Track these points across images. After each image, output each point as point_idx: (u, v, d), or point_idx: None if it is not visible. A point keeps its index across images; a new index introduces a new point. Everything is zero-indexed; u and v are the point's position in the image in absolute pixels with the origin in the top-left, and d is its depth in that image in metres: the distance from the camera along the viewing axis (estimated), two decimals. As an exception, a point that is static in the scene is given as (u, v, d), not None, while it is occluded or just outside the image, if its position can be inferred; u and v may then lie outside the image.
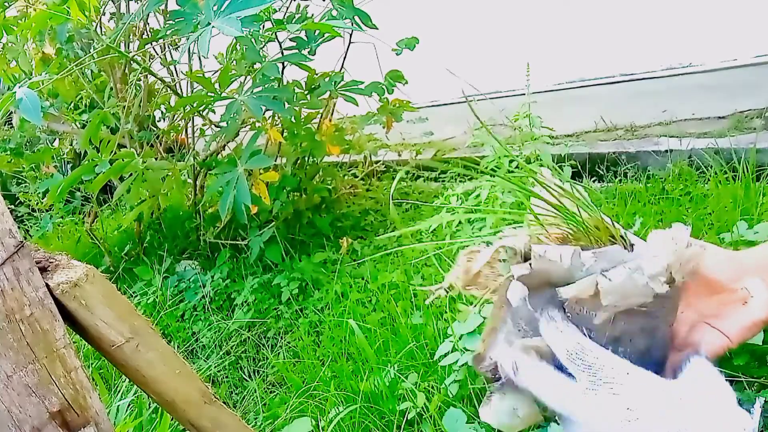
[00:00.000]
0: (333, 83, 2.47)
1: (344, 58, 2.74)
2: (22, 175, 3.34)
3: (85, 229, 3.06)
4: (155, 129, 3.07)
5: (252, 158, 2.10)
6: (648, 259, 0.41)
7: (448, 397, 1.45)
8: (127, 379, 0.95)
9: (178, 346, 2.41)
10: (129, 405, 1.81)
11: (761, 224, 1.47)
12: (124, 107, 2.56)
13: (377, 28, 2.34)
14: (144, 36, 2.67)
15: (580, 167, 2.67)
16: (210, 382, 2.16)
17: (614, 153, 2.76)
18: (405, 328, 1.84)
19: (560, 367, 0.41)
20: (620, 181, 2.57)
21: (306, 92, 2.49)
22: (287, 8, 2.48)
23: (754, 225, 1.50)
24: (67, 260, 0.68)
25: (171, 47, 2.78)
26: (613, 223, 0.45)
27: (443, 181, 3.37)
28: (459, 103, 4.43)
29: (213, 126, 2.65)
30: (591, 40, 3.83)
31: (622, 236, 0.45)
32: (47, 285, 0.62)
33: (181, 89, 2.70)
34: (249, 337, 2.31)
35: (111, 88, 2.73)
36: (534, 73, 1.95)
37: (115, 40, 2.24)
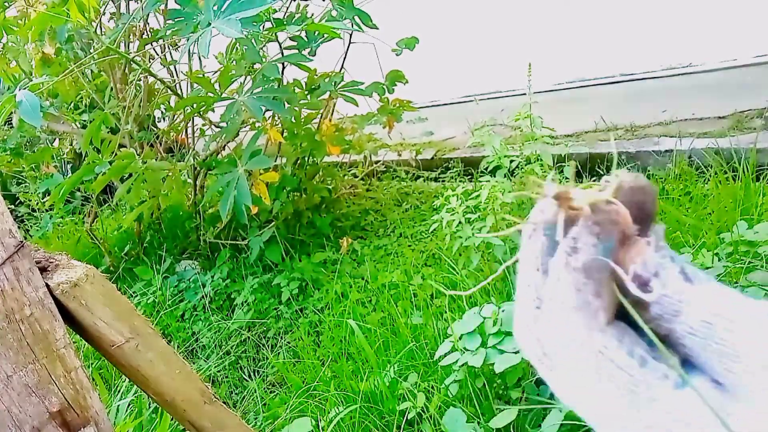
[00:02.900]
0: (333, 83, 2.47)
1: (344, 58, 2.74)
2: (22, 175, 3.35)
3: (85, 229, 3.06)
4: (155, 129, 3.07)
5: (252, 158, 2.10)
6: None
7: (448, 397, 1.45)
8: (127, 379, 0.95)
9: (178, 346, 2.41)
10: (129, 405, 1.81)
11: (761, 224, 1.47)
12: (124, 107, 2.56)
13: (377, 28, 2.34)
14: (144, 36, 2.67)
15: (580, 167, 2.67)
16: (210, 382, 2.15)
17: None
18: (405, 328, 1.84)
19: None
20: (620, 181, 2.56)
21: (306, 92, 2.49)
22: (287, 8, 2.48)
23: (754, 225, 1.50)
24: (67, 260, 0.68)
25: (171, 47, 2.78)
26: None
27: (443, 181, 3.38)
28: (459, 103, 4.43)
29: (213, 126, 2.65)
30: (591, 40, 3.83)
31: None
32: (47, 285, 0.63)
33: (181, 89, 2.70)
34: (249, 337, 2.31)
35: (111, 89, 2.74)
36: (534, 73, 1.95)
37: (115, 41, 2.24)
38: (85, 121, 3.13)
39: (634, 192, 0.29)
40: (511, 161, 1.94)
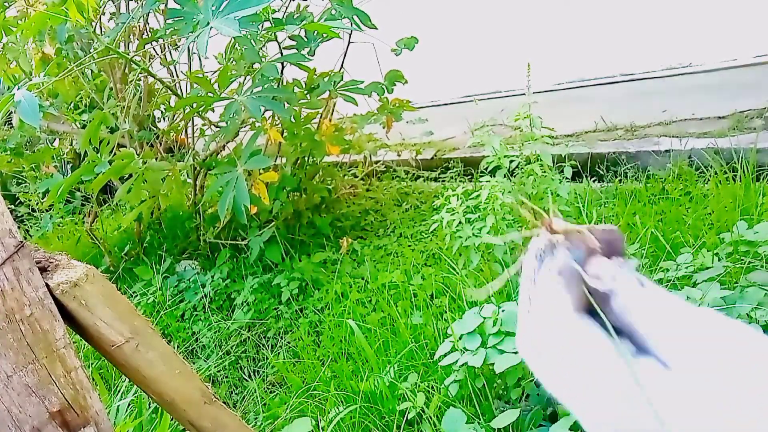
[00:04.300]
0: (332, 83, 2.47)
1: (344, 57, 2.74)
2: (22, 175, 3.34)
3: (85, 229, 3.06)
4: (155, 129, 3.07)
5: (251, 158, 2.10)
6: None
7: (448, 397, 1.45)
8: (127, 379, 0.95)
9: (178, 346, 2.41)
10: (129, 405, 1.81)
11: (761, 224, 1.47)
12: (123, 107, 2.56)
13: (377, 28, 2.34)
14: (143, 36, 2.67)
15: (580, 167, 2.67)
16: (210, 382, 2.15)
17: (614, 153, 2.76)
18: (405, 328, 1.84)
19: None
20: (620, 181, 2.57)
21: (305, 92, 2.49)
22: (286, 8, 2.48)
23: (754, 225, 1.50)
24: (67, 260, 0.68)
25: (171, 47, 2.78)
26: None
27: (443, 181, 3.38)
28: (459, 103, 4.43)
29: (213, 126, 2.65)
30: (591, 40, 3.83)
31: None
32: (47, 285, 0.62)
33: (180, 89, 2.70)
34: (249, 337, 2.31)
35: (111, 88, 2.73)
36: (534, 73, 1.94)
37: (114, 41, 2.24)
38: (85, 121, 3.12)
39: (604, 232, 0.41)
40: (511, 161, 1.94)
